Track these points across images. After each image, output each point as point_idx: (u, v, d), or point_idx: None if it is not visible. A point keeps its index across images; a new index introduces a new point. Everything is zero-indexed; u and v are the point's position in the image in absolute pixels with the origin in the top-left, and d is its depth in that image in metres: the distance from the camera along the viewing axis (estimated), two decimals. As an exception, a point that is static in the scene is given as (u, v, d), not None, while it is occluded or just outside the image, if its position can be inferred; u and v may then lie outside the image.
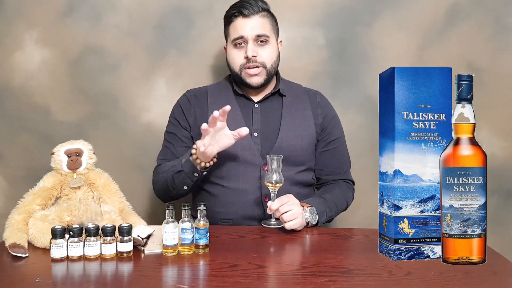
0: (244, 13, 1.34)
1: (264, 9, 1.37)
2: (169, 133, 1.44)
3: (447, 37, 1.68)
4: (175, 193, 1.34)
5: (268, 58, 1.36)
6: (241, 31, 1.34)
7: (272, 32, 1.38)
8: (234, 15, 1.36)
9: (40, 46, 1.72)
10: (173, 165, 1.32)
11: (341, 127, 1.47)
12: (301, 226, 1.20)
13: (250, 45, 1.33)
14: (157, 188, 1.40)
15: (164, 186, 1.35)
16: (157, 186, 1.40)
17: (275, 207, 1.16)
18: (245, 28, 1.34)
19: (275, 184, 1.19)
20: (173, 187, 1.32)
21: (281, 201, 1.17)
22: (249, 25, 1.34)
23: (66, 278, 0.94)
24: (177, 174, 1.29)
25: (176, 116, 1.43)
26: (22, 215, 1.11)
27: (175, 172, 1.30)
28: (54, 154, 1.19)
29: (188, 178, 1.28)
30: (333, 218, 1.35)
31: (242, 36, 1.34)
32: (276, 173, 1.18)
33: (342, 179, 1.44)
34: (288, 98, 1.42)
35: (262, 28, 1.35)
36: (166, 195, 1.37)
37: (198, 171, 1.27)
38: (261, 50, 1.35)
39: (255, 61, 1.34)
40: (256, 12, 1.34)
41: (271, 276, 0.94)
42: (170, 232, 1.01)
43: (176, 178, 1.30)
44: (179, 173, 1.28)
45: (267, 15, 1.38)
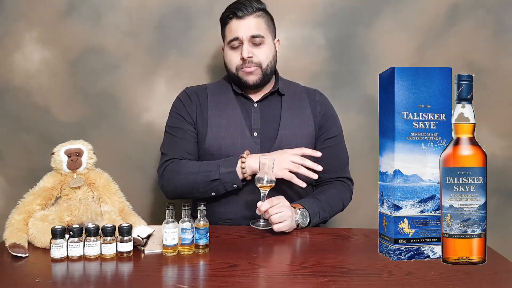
0: (238, 14, 1.34)
1: (258, 9, 1.36)
2: (173, 128, 1.40)
3: (447, 37, 1.68)
4: (196, 195, 1.32)
5: (264, 58, 1.36)
6: (236, 33, 1.34)
7: (267, 32, 1.38)
8: (229, 17, 1.36)
9: (40, 46, 1.72)
10: (207, 170, 1.28)
11: (339, 126, 1.47)
12: (290, 229, 1.19)
13: (245, 46, 1.33)
14: (173, 186, 1.33)
15: (186, 187, 1.31)
16: (173, 184, 1.32)
17: (264, 208, 1.16)
18: (239, 29, 1.34)
19: (266, 185, 1.18)
20: (198, 191, 1.30)
21: (271, 203, 1.17)
22: (243, 26, 1.34)
23: (66, 278, 0.94)
24: (212, 181, 1.27)
25: (179, 111, 1.41)
26: (22, 215, 1.12)
27: (210, 179, 1.27)
28: (54, 154, 1.19)
29: (222, 188, 1.28)
30: (328, 219, 1.35)
31: (237, 37, 1.34)
32: (267, 174, 1.18)
33: (340, 177, 1.44)
34: (287, 97, 1.42)
35: (257, 29, 1.34)
36: (180, 195, 1.34)
37: (239, 183, 1.26)
38: (256, 50, 1.35)
39: (251, 62, 1.34)
40: (250, 13, 1.34)
41: (271, 276, 0.94)
42: (170, 232, 1.01)
43: (208, 185, 1.28)
44: (214, 181, 1.27)
45: (262, 15, 1.37)
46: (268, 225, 1.19)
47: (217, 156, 1.34)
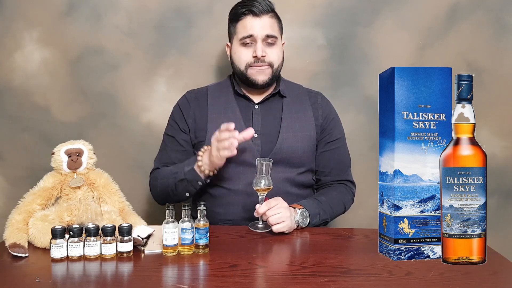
0: (255, 11, 1.33)
1: (272, 9, 1.37)
2: (168, 136, 1.43)
3: (447, 37, 1.68)
4: (175, 198, 1.34)
5: (276, 58, 1.36)
6: (251, 30, 1.33)
7: (279, 33, 1.38)
8: (244, 13, 1.34)
9: (40, 46, 1.72)
10: (174, 172, 1.32)
11: (341, 128, 1.47)
12: (290, 229, 1.18)
13: (259, 44, 1.33)
14: (156, 193, 1.41)
15: (164, 192, 1.35)
16: (155, 191, 1.40)
17: (262, 211, 1.16)
18: (255, 27, 1.33)
19: (263, 188, 1.18)
20: (174, 193, 1.32)
21: (268, 205, 1.17)
22: (259, 24, 1.33)
23: (66, 278, 0.94)
24: (180, 182, 1.29)
25: (176, 118, 1.43)
26: (22, 215, 1.12)
27: (177, 180, 1.29)
28: (54, 154, 1.19)
29: (191, 186, 1.29)
30: (329, 220, 1.35)
31: (252, 35, 1.33)
32: (265, 178, 1.18)
33: (342, 180, 1.43)
34: (288, 99, 1.42)
35: (272, 29, 1.34)
36: (165, 200, 1.37)
37: (202, 180, 1.27)
38: (269, 50, 1.35)
39: (263, 61, 1.34)
40: (266, 12, 1.34)
41: (271, 276, 0.94)
42: (170, 232, 1.01)
43: (178, 186, 1.30)
44: (182, 181, 1.29)
45: (274, 16, 1.38)
46: (266, 227, 1.19)
47: None
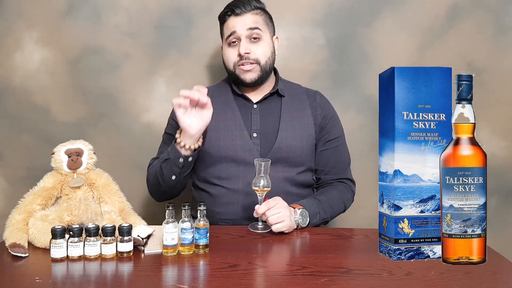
0: (236, 11, 1.35)
1: (257, 7, 1.37)
2: (167, 134, 1.44)
3: (447, 37, 1.68)
4: (164, 185, 1.33)
5: (261, 54, 1.36)
6: (233, 28, 1.35)
7: (265, 27, 1.38)
8: (227, 14, 1.37)
9: (40, 46, 1.72)
10: (160, 157, 1.33)
11: (340, 127, 1.47)
12: (290, 229, 1.19)
13: (242, 42, 1.34)
14: (149, 185, 1.40)
15: (155, 180, 1.35)
16: (148, 183, 1.40)
17: (261, 211, 1.17)
18: (236, 25, 1.35)
19: (262, 188, 1.18)
20: (162, 179, 1.31)
21: (268, 205, 1.17)
22: (240, 22, 1.34)
23: (66, 278, 0.94)
24: (164, 163, 1.29)
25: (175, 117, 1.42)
26: (22, 215, 1.12)
27: (162, 162, 1.30)
28: (55, 154, 1.19)
29: (174, 166, 1.27)
30: (329, 220, 1.35)
31: (234, 31, 1.34)
32: (264, 178, 1.18)
33: (342, 179, 1.43)
34: (287, 98, 1.42)
35: (255, 23, 1.35)
36: (157, 191, 1.37)
37: (182, 156, 1.26)
38: (254, 47, 1.35)
39: (248, 58, 1.34)
40: (248, 11, 1.35)
41: (271, 276, 0.94)
42: (170, 232, 1.01)
43: (164, 168, 1.30)
44: (166, 162, 1.28)
45: (260, 13, 1.38)
46: (266, 227, 1.19)
47: (216, 158, 1.34)
